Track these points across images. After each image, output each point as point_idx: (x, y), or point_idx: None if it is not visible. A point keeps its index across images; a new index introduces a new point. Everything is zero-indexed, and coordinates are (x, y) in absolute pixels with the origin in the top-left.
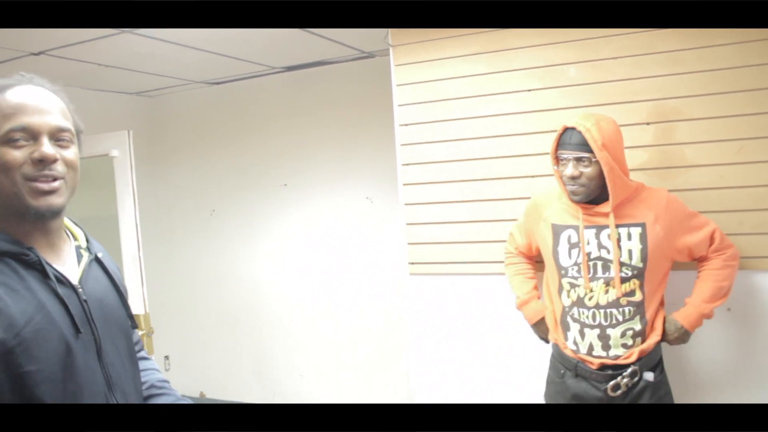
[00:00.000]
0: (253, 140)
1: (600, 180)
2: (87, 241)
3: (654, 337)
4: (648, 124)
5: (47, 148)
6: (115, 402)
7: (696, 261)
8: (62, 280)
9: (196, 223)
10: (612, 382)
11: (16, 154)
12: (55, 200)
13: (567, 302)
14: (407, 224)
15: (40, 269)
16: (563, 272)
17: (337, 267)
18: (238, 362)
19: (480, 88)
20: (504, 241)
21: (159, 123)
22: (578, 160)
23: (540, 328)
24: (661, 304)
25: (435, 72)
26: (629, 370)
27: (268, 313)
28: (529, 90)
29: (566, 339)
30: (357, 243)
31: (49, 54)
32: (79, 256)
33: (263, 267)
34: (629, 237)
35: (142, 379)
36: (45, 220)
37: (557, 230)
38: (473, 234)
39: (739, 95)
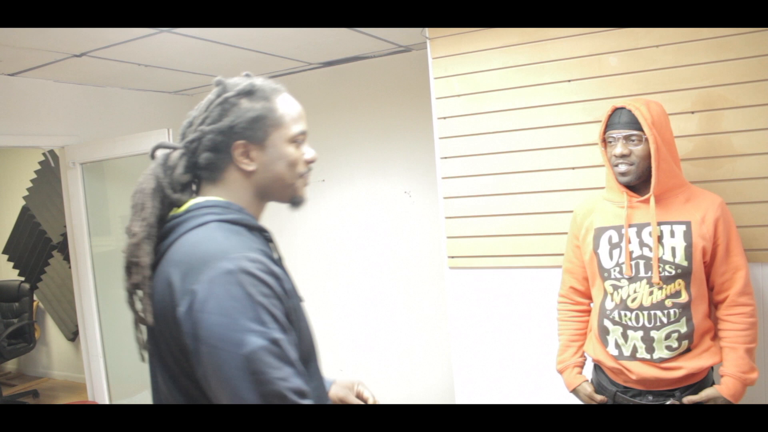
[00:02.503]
0: None
1: (649, 161)
2: None
3: (707, 359)
4: (693, 112)
5: (312, 150)
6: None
7: (712, 291)
8: (282, 259)
9: None
10: None
11: (298, 154)
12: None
13: (610, 306)
14: (446, 218)
15: (273, 247)
16: (606, 275)
17: (377, 262)
18: None
19: (518, 80)
20: (544, 234)
21: None
22: (627, 138)
23: (577, 394)
24: (709, 315)
25: (472, 64)
26: (669, 402)
27: (308, 308)
28: (568, 80)
29: (606, 344)
30: (396, 238)
31: (90, 55)
32: None
33: (302, 262)
34: (672, 234)
35: None
36: (296, 208)
37: (598, 233)
38: (513, 227)
39: None
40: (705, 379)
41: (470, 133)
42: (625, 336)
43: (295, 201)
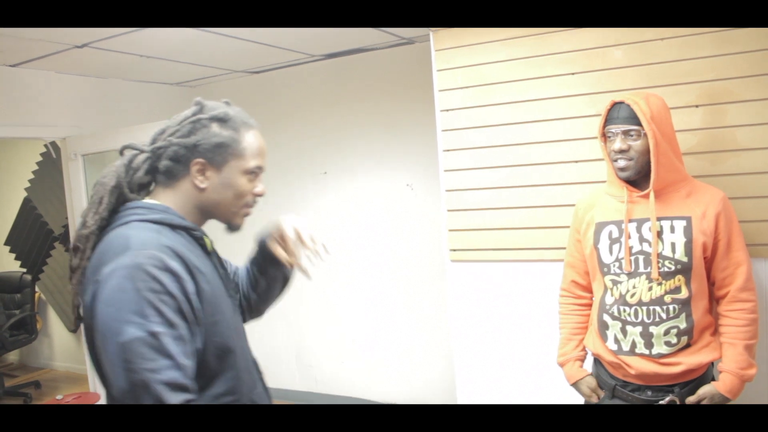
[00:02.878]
0: (293, 128)
1: (648, 156)
2: None
3: (707, 355)
4: (697, 106)
5: (263, 186)
6: (252, 360)
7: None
8: (213, 254)
9: None
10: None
11: (249, 186)
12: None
13: (610, 300)
14: (448, 210)
15: (202, 244)
16: (605, 270)
17: (378, 254)
18: (278, 349)
19: (522, 72)
20: (546, 227)
21: None
22: (626, 133)
23: (578, 389)
24: (710, 310)
25: (476, 56)
26: (667, 399)
27: (308, 300)
28: (572, 73)
29: (605, 339)
30: (397, 230)
31: (92, 46)
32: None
33: (303, 254)
34: (672, 230)
35: None
36: (229, 233)
37: (599, 228)
38: (515, 220)
39: None
40: (704, 374)
41: (473, 125)
42: (624, 331)
43: (231, 226)
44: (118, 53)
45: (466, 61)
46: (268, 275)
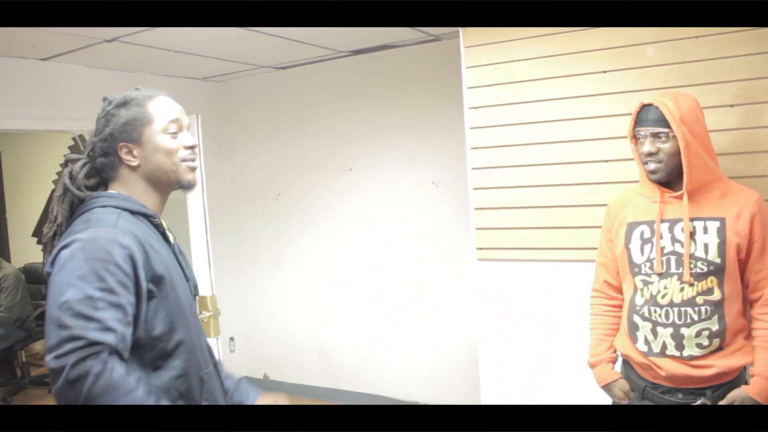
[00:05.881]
0: (319, 124)
1: (679, 158)
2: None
3: (740, 358)
4: (732, 106)
5: (193, 137)
6: (206, 342)
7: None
8: (171, 242)
9: (262, 206)
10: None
11: (175, 142)
12: (196, 176)
13: (640, 301)
14: (475, 209)
15: (161, 231)
16: (636, 270)
17: (402, 252)
18: (302, 346)
19: (553, 70)
20: (575, 227)
21: (226, 108)
22: (655, 135)
23: (610, 391)
24: (743, 313)
25: (506, 54)
26: (699, 402)
27: (332, 297)
28: (604, 71)
29: (635, 340)
30: (422, 228)
31: (121, 41)
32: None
33: (327, 251)
34: (705, 230)
35: None
36: (187, 191)
37: (630, 228)
38: (543, 220)
39: None
40: (737, 378)
41: (502, 123)
42: (654, 332)
43: (182, 185)
44: (147, 48)
45: (495, 58)
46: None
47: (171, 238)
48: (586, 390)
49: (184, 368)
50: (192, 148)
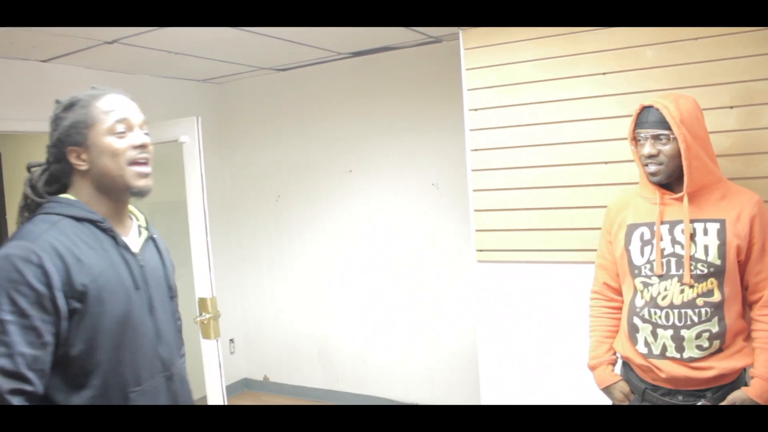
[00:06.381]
0: (319, 126)
1: (679, 160)
2: (146, 223)
3: (740, 360)
4: (731, 107)
5: (144, 136)
6: (162, 351)
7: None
8: (126, 247)
9: (263, 208)
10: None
11: (122, 143)
12: (150, 183)
13: (640, 303)
14: (475, 210)
15: (112, 236)
16: (636, 272)
17: (403, 253)
18: (302, 347)
19: (552, 71)
20: (575, 229)
21: (227, 109)
22: (656, 138)
23: (610, 393)
24: (743, 315)
25: (505, 56)
26: (699, 403)
27: (332, 298)
28: (603, 73)
29: (635, 342)
30: (422, 230)
31: (121, 42)
32: (140, 233)
33: (328, 252)
34: (705, 232)
35: None
36: (140, 198)
37: (630, 230)
38: (543, 221)
39: None
40: (737, 380)
41: (502, 125)
42: (654, 334)
43: (132, 192)
44: (147, 49)
45: (495, 60)
46: None
47: (134, 246)
48: (586, 391)
49: (102, 387)
50: (142, 147)
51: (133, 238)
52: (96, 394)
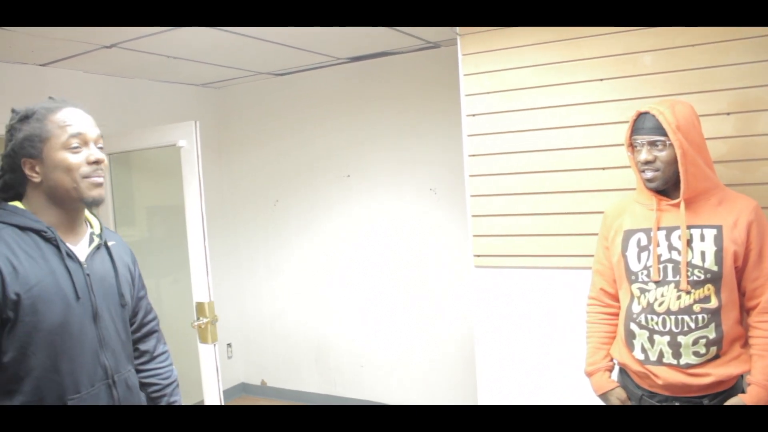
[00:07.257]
0: (317, 131)
1: (676, 166)
2: (101, 230)
3: (737, 367)
4: (728, 114)
5: (99, 152)
6: (105, 359)
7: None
8: (72, 256)
9: (261, 212)
10: None
11: (76, 159)
12: (103, 192)
13: (637, 309)
14: (473, 216)
15: (55, 245)
16: (633, 278)
17: (400, 259)
18: (299, 351)
19: (550, 78)
20: (572, 234)
21: (225, 114)
22: (652, 144)
23: (607, 400)
24: (740, 321)
25: (503, 61)
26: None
27: (330, 303)
28: (601, 79)
29: (632, 348)
30: (420, 235)
31: (120, 47)
32: (92, 241)
33: (326, 257)
34: (702, 238)
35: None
36: (93, 207)
37: (627, 236)
38: (541, 227)
39: None
40: (734, 387)
41: (499, 131)
42: (651, 340)
43: (86, 202)
44: (146, 54)
45: (493, 65)
46: None
47: (82, 254)
48: (583, 394)
49: (35, 393)
50: (96, 163)
51: (83, 246)
52: (28, 400)
